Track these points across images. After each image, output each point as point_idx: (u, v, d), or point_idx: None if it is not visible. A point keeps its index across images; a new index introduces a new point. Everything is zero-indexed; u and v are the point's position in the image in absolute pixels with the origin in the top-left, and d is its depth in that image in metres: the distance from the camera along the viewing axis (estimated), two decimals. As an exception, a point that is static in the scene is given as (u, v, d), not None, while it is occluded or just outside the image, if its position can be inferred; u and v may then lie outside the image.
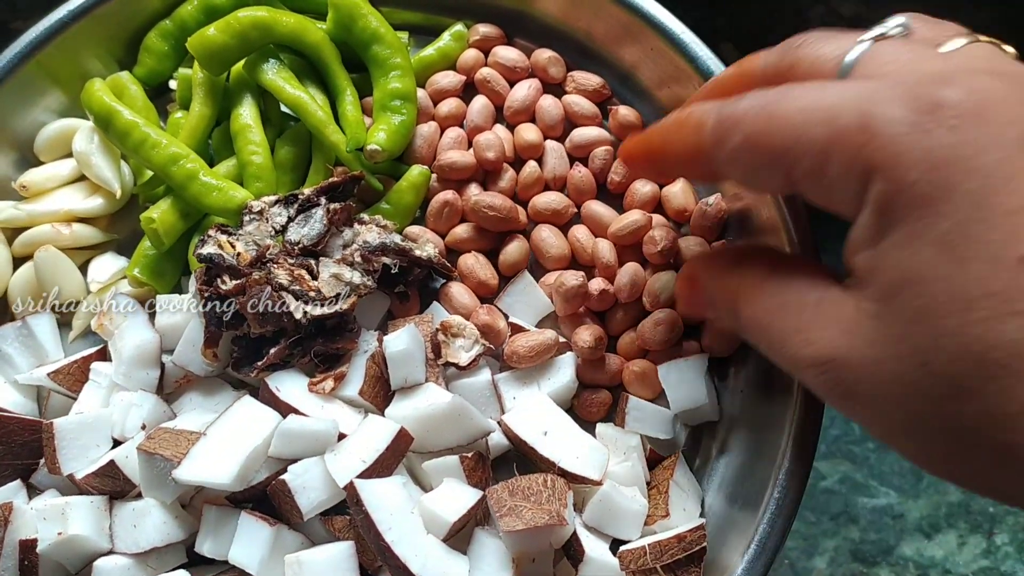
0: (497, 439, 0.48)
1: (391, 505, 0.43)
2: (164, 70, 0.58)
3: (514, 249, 0.54)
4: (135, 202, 0.57)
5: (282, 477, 0.44)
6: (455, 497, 0.44)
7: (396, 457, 0.45)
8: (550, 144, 0.56)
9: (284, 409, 0.46)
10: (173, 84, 0.58)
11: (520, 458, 0.50)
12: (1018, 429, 0.28)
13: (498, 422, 0.49)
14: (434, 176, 0.55)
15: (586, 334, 0.51)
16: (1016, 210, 0.28)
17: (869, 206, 0.31)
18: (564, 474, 0.46)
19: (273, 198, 0.51)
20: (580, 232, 0.54)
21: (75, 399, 0.50)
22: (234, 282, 0.47)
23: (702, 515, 0.49)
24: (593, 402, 0.51)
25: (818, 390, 0.34)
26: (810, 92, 0.33)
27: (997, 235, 0.28)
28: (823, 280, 0.35)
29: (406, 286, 0.52)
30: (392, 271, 0.50)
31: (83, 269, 0.55)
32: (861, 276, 0.32)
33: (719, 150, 0.35)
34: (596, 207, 0.55)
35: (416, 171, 0.55)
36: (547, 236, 0.54)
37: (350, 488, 0.43)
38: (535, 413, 0.48)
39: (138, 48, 0.59)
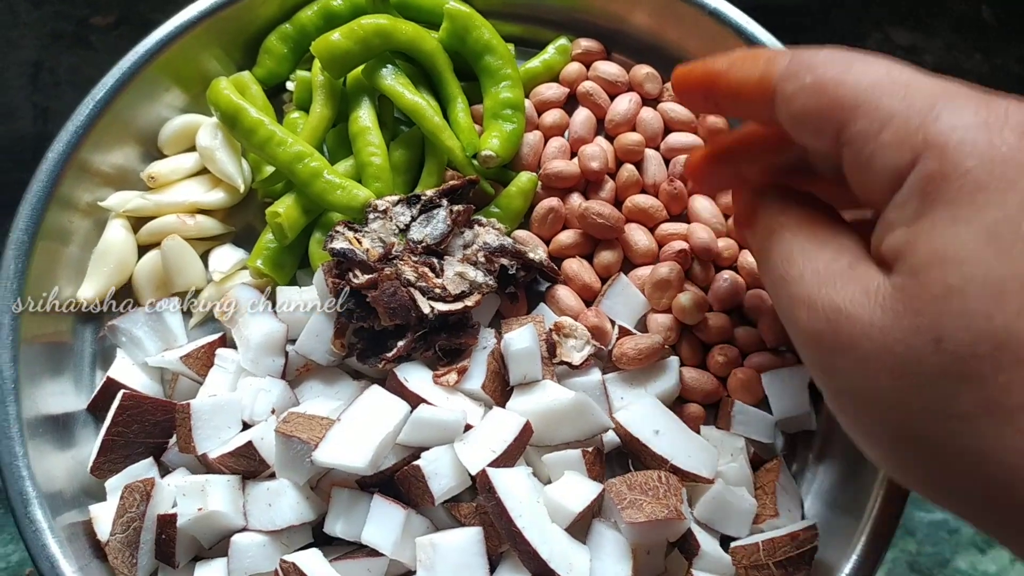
0: (607, 436, 0.50)
1: (520, 494, 0.45)
2: (282, 71, 0.61)
3: (609, 252, 0.56)
4: (250, 196, 0.59)
5: (416, 463, 0.46)
6: (578, 489, 0.46)
7: (520, 448, 0.47)
8: (650, 152, 0.59)
9: (411, 399, 0.48)
10: (291, 85, 0.61)
11: (622, 455, 0.52)
12: (1012, 423, 0.28)
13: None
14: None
15: (684, 297, 0.54)
16: None
17: (912, 185, 0.32)
18: (676, 471, 0.48)
19: (396, 198, 0.53)
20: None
21: (201, 382, 0.52)
22: (366, 276, 0.49)
23: (803, 517, 0.51)
24: (688, 416, 0.53)
25: (806, 334, 0.34)
26: (893, 65, 0.34)
27: None
28: (862, 251, 0.35)
29: (515, 287, 0.55)
30: (509, 272, 0.52)
31: (202, 259, 0.57)
32: (892, 255, 0.33)
33: (786, 85, 0.36)
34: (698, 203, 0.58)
35: (525, 177, 0.57)
36: (637, 234, 0.56)
37: (482, 476, 0.45)
38: (645, 412, 0.50)
39: (254, 51, 0.61)
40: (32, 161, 0.75)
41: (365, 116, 0.57)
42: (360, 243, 0.50)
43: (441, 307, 0.49)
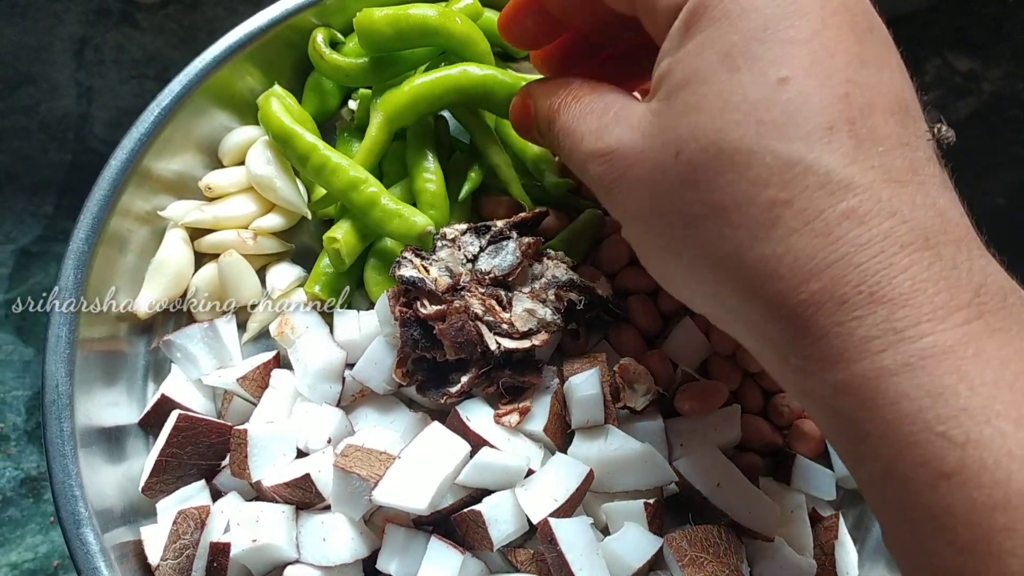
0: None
1: (581, 545, 0.44)
2: (330, 107, 0.60)
3: (674, 293, 0.55)
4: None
5: (477, 508, 0.45)
6: (638, 543, 0.45)
7: (581, 496, 0.46)
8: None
9: (473, 439, 0.47)
10: (353, 104, 0.59)
11: (674, 500, 0.51)
12: (730, 223, 0.31)
13: (670, 468, 0.50)
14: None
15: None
16: (791, 41, 0.31)
17: (681, 17, 0.34)
18: (736, 527, 0.47)
19: (464, 226, 0.52)
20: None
21: (255, 403, 0.51)
22: (435, 307, 0.48)
23: (860, 579, 0.50)
24: (746, 465, 0.52)
25: (595, 181, 0.38)
26: None
27: (770, 56, 0.31)
28: (629, 98, 0.39)
29: (578, 324, 0.53)
30: (577, 307, 0.51)
31: (259, 274, 0.56)
32: (657, 83, 0.35)
33: None
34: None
35: (590, 214, 0.56)
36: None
37: (544, 526, 0.44)
38: (707, 464, 0.49)
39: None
40: (74, 141, 0.73)
41: (423, 140, 0.56)
42: (428, 271, 0.49)
43: (508, 344, 0.48)
